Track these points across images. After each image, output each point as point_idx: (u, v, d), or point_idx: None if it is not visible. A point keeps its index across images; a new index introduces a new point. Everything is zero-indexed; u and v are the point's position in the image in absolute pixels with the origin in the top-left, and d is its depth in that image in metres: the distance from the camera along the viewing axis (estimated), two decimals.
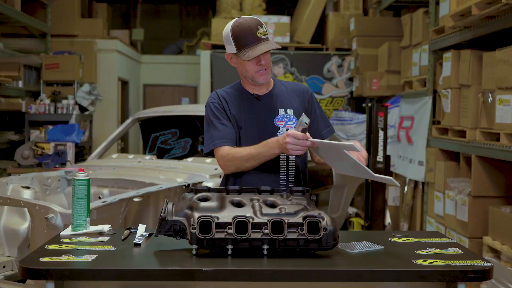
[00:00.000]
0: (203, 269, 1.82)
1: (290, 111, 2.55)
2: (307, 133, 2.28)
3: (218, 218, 1.95)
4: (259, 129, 2.49)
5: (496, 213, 4.13)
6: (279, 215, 1.99)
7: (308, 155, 2.67)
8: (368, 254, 2.04)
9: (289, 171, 2.52)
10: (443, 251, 2.06)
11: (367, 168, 2.20)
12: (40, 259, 1.88)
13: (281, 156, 2.50)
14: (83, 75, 8.67)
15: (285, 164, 2.51)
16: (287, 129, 2.49)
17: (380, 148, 5.12)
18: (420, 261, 1.91)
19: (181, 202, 2.09)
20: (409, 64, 6.38)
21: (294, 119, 2.53)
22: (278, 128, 2.51)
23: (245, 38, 2.41)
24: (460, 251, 2.07)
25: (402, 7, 7.84)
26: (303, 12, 8.85)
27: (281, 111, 2.54)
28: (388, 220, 5.61)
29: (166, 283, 1.95)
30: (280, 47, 2.53)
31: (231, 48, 2.46)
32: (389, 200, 6.58)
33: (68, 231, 2.27)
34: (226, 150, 2.44)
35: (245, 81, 2.55)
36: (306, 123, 2.25)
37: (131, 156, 4.98)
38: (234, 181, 2.51)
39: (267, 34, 2.45)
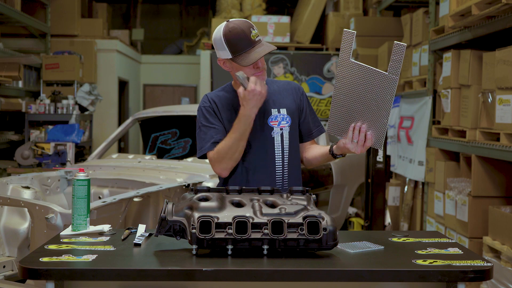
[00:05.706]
0: (203, 269, 1.82)
1: (283, 111, 2.53)
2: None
3: (218, 218, 1.95)
4: (253, 130, 2.46)
5: (496, 213, 4.13)
6: (279, 215, 1.99)
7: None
8: (368, 254, 2.04)
9: (284, 168, 2.52)
10: (443, 251, 2.06)
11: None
12: (40, 259, 1.89)
13: (276, 153, 2.49)
14: (83, 75, 8.67)
15: (281, 161, 2.51)
16: (281, 129, 2.50)
17: None
18: (420, 261, 1.91)
19: (181, 202, 2.08)
20: (409, 64, 6.38)
21: (287, 118, 2.52)
22: (272, 128, 2.50)
23: (240, 43, 2.37)
24: (460, 251, 2.07)
25: (402, 7, 7.84)
26: (303, 12, 8.85)
27: (274, 111, 2.52)
28: (388, 220, 5.60)
29: (166, 283, 1.95)
30: (276, 48, 2.52)
31: (225, 54, 2.42)
32: (389, 200, 6.58)
33: (68, 231, 2.27)
34: (214, 151, 2.44)
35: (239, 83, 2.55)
36: (244, 76, 2.35)
37: (131, 156, 4.97)
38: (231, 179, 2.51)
39: (259, 36, 2.43)
